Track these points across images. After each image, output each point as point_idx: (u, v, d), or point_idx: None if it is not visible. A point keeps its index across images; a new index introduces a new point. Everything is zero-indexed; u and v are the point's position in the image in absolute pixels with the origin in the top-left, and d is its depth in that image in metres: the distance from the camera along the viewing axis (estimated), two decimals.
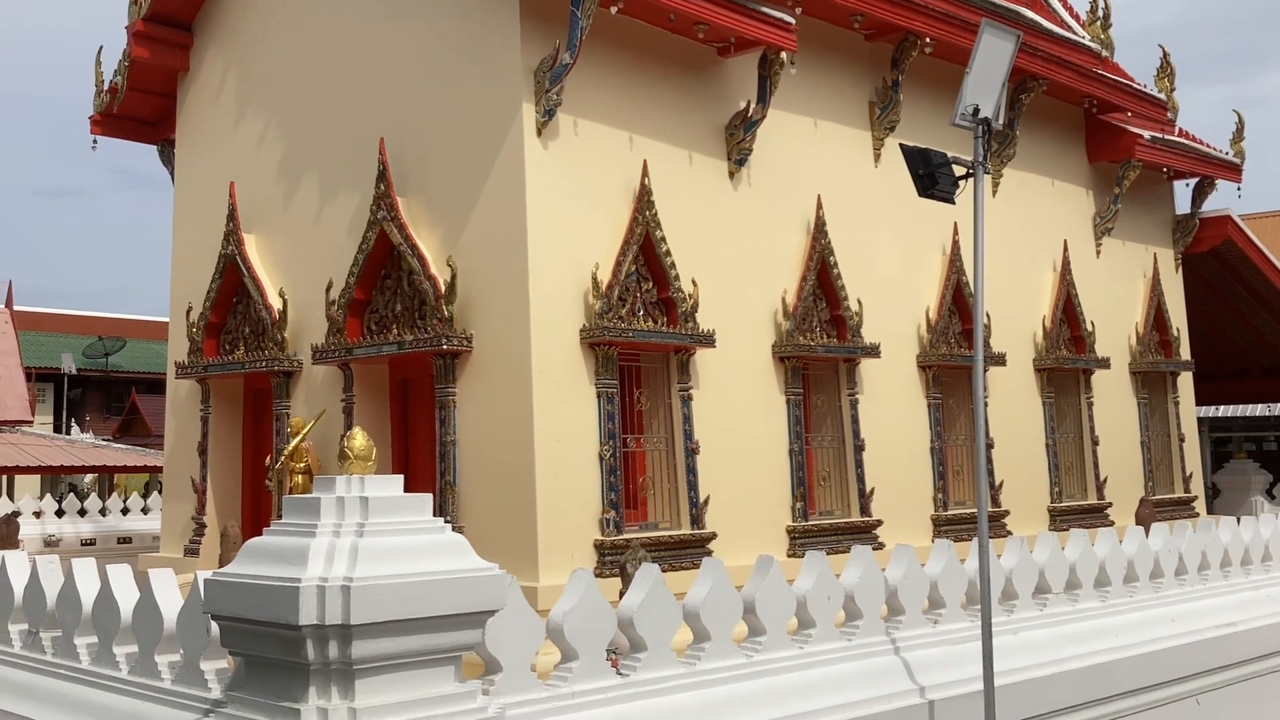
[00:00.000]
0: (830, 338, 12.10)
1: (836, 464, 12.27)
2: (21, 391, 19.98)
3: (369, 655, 4.16)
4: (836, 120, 12.68)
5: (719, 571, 5.62)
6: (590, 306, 10.28)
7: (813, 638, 6.03)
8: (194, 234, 13.57)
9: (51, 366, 38.12)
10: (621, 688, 5.17)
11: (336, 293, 11.32)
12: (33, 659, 5.89)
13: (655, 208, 10.71)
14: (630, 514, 10.53)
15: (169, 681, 5.04)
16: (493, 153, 10.38)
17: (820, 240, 12.07)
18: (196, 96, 13.83)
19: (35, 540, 15.50)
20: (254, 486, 12.97)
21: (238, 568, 4.39)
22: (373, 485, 4.51)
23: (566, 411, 10.06)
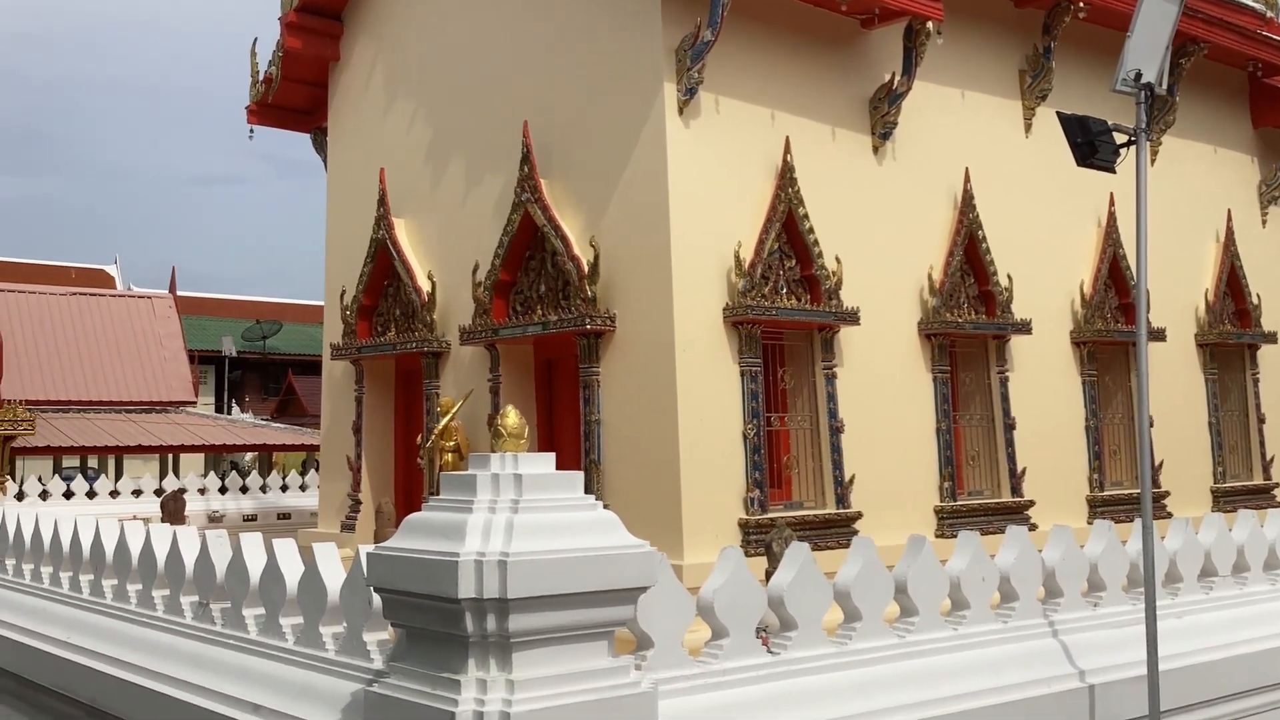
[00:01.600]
0: (979, 314, 11.82)
1: (986, 443, 11.99)
2: (185, 374, 20.88)
3: (525, 629, 4.22)
4: (985, 90, 12.35)
5: (870, 551, 5.54)
6: (733, 285, 10.24)
7: (967, 619, 5.91)
8: (346, 219, 13.95)
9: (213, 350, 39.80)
10: (772, 666, 5.15)
11: (482, 274, 11.51)
12: (203, 629, 6.15)
13: (798, 184, 10.60)
14: (774, 493, 10.48)
15: (333, 652, 5.21)
16: (635, 132, 10.41)
17: (968, 214, 11.78)
18: (347, 84, 14.20)
19: (200, 516, 16.20)
20: (406, 464, 13.32)
21: (398, 542, 4.50)
22: (526, 463, 4.57)
23: (709, 390, 10.05)
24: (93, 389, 19.63)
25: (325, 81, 14.51)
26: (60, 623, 7.37)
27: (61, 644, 7.11)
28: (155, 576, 6.66)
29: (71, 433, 17.84)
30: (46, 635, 7.35)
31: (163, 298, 21.79)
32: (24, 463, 18.90)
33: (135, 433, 18.52)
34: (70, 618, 7.33)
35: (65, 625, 7.28)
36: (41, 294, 20.68)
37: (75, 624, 7.20)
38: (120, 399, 19.79)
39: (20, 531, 8.54)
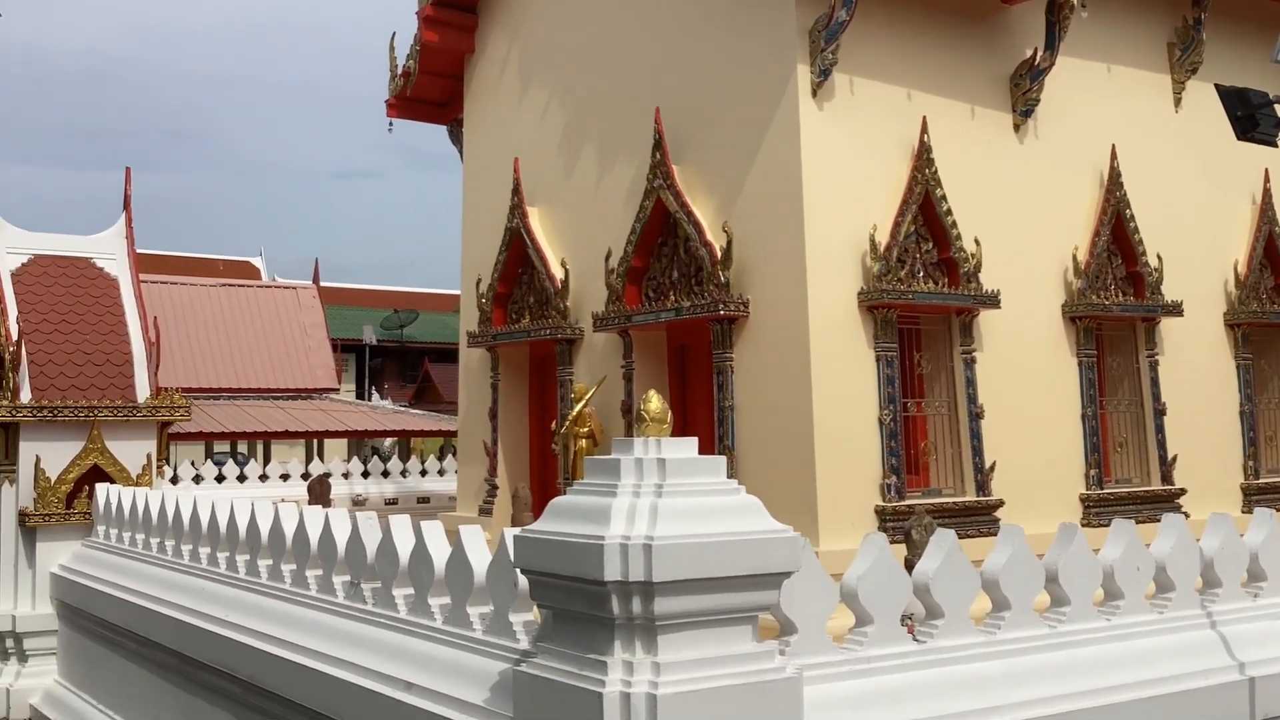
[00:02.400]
0: (1126, 296, 11.45)
1: (1134, 429, 11.62)
2: (329, 361, 21.50)
3: (670, 612, 4.23)
4: (1132, 64, 11.93)
5: (1019, 538, 5.41)
6: (868, 269, 10.10)
7: (1120, 609, 5.73)
8: (481, 209, 14.18)
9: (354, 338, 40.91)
10: (919, 654, 5.07)
11: (615, 261, 11.58)
12: (355, 608, 6.33)
13: (935, 165, 10.40)
14: (911, 479, 10.33)
15: (480, 631, 5.31)
16: (767, 116, 10.33)
17: (1115, 193, 11.41)
18: (482, 76, 14.42)
19: (344, 499, 16.67)
20: (541, 450, 13.50)
21: (544, 525, 4.56)
22: (669, 447, 4.58)
23: (844, 375, 9.95)
24: (242, 377, 20.36)
25: (461, 74, 14.76)
26: (218, 601, 7.67)
27: (220, 622, 7.39)
28: (308, 557, 6.88)
29: (222, 419, 18.53)
30: (205, 614, 7.66)
31: (307, 288, 22.46)
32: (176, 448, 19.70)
33: (282, 418, 19.16)
34: (228, 596, 7.62)
35: (223, 604, 7.57)
36: (192, 285, 21.53)
37: (233, 603, 7.48)
38: (268, 386, 20.49)
39: (179, 514, 8.91)
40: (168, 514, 9.11)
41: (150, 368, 11.36)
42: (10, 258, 11.60)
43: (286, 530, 7.18)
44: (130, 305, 11.63)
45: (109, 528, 10.41)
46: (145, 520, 9.53)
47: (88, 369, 11.07)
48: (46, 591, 10.83)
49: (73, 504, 10.81)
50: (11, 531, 10.87)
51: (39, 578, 10.81)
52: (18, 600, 10.84)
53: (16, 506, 10.84)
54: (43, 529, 10.76)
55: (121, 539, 10.03)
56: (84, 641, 10.18)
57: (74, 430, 10.83)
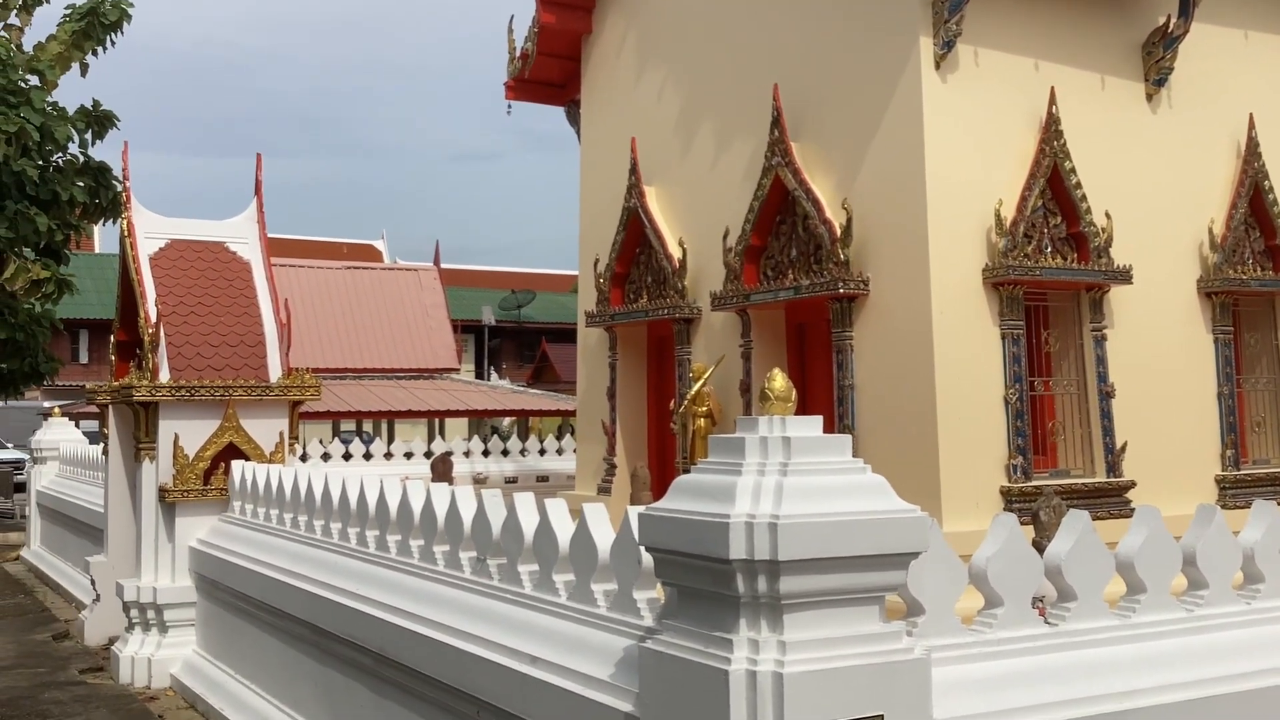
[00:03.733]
0: (1265, 270, 11.03)
1: (1273, 409, 11.20)
2: (450, 342, 21.87)
3: (796, 591, 4.22)
4: (1270, 31, 11.45)
5: (1156, 519, 5.26)
6: (993, 244, 9.90)
7: (1261, 593, 5.54)
8: (599, 189, 14.25)
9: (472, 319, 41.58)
10: (1050, 637, 4.98)
11: (733, 240, 11.54)
12: (481, 584, 6.44)
13: (1064, 137, 10.13)
14: (1038, 460, 10.12)
15: (604, 608, 5.36)
16: (888, 91, 10.17)
17: (1253, 164, 10.98)
18: (599, 57, 14.47)
19: (465, 478, 16.96)
20: (659, 429, 13.55)
21: (668, 503, 4.58)
22: (794, 426, 4.55)
23: (968, 354, 9.77)
24: (366, 357, 20.83)
25: (578, 55, 14.84)
26: (349, 575, 7.88)
27: (351, 595, 7.59)
28: (435, 533, 7.02)
29: (348, 398, 18.99)
30: (337, 587, 7.87)
31: (428, 270, 22.84)
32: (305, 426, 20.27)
33: (405, 398, 19.56)
34: (358, 570, 7.82)
35: (354, 578, 7.77)
36: (318, 268, 22.06)
37: (363, 577, 7.68)
38: (391, 366, 20.94)
39: (311, 490, 9.16)
40: (300, 490, 9.37)
41: (282, 348, 11.69)
42: (148, 242, 12.03)
43: (414, 507, 7.33)
44: (262, 288, 11.98)
45: (244, 503, 10.76)
46: (279, 496, 9.83)
47: (223, 350, 11.44)
48: (185, 565, 11.24)
49: (210, 480, 11.20)
50: (152, 507, 11.30)
51: (178, 551, 11.22)
52: (158, 573, 11.28)
53: (156, 483, 11.27)
54: (181, 504, 11.17)
55: (256, 514, 10.37)
56: (221, 613, 10.56)
57: (210, 409, 11.21)
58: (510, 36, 15.29)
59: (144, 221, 12.20)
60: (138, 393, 11.04)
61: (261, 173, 12.67)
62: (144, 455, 11.38)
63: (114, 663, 11.51)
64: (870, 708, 4.25)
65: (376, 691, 7.26)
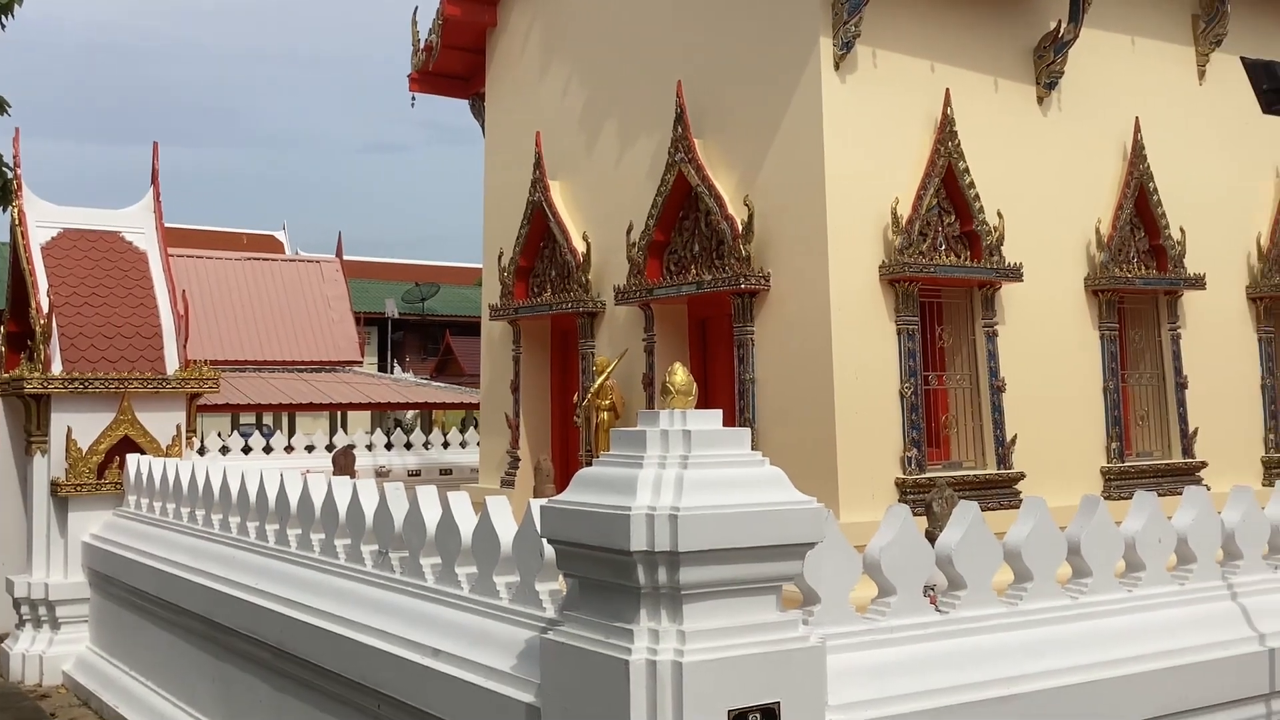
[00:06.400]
0: (1149, 269, 11.44)
1: (1156, 403, 11.63)
2: (352, 334, 21.64)
3: (696, 581, 4.30)
4: (1156, 36, 11.87)
5: (1042, 510, 5.46)
6: (890, 242, 10.12)
7: (1142, 581, 5.78)
8: (503, 182, 14.23)
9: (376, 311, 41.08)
10: (941, 624, 5.14)
11: (637, 235, 11.62)
12: (383, 577, 6.43)
13: (958, 138, 10.39)
14: (932, 452, 10.38)
15: (507, 600, 5.39)
16: (789, 90, 10.34)
17: (1138, 165, 11.38)
18: (504, 50, 14.43)
19: (368, 471, 16.82)
20: (562, 422, 13.59)
21: (570, 496, 4.63)
22: (694, 419, 4.63)
23: (866, 349, 9.99)
24: (266, 349, 20.51)
25: (483, 48, 14.78)
26: (248, 570, 7.79)
27: (249, 589, 7.51)
28: (337, 526, 6.97)
29: (248, 390, 18.69)
30: (235, 581, 7.78)
31: (330, 262, 22.57)
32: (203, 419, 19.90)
33: (307, 391, 19.32)
34: (257, 565, 7.73)
35: (253, 572, 7.68)
36: (217, 259, 21.66)
37: (262, 570, 7.59)
38: (292, 359, 20.65)
39: (209, 483, 9.03)
40: (198, 484, 9.23)
41: (179, 340, 11.47)
42: (40, 231, 11.71)
43: (315, 500, 7.27)
44: (159, 278, 11.73)
45: (139, 497, 10.55)
46: (175, 490, 9.66)
47: (118, 341, 11.19)
48: (78, 560, 10.99)
49: (104, 474, 10.95)
50: (44, 501, 11.02)
51: (71, 547, 10.96)
52: (50, 569, 11.00)
53: (49, 477, 10.99)
54: (74, 499, 10.91)
55: (152, 508, 10.17)
56: (115, 609, 10.35)
57: (105, 402, 10.95)
58: (414, 28, 15.18)
59: (36, 210, 11.87)
60: (29, 385, 10.75)
61: (158, 161, 12.40)
62: (35, 449, 11.08)
63: (3, 660, 11.21)
64: (767, 695, 4.36)
65: (275, 687, 7.20)
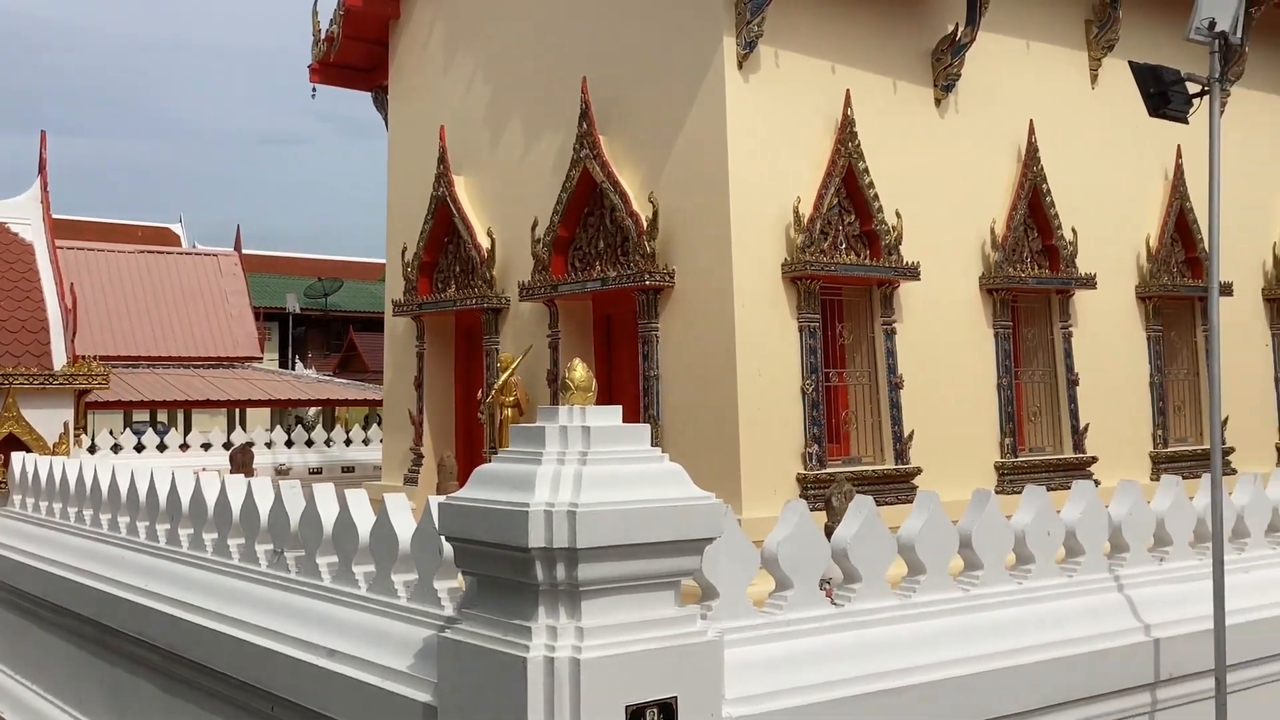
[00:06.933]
0: (1042, 269, 11.70)
1: (1048, 399, 11.91)
2: (251, 330, 21.22)
3: (594, 578, 4.30)
4: (1050, 41, 12.15)
5: (934, 504, 5.56)
6: (792, 240, 10.21)
7: (1031, 573, 5.92)
8: (407, 177, 14.06)
9: (277, 306, 40.34)
10: (836, 617, 5.21)
11: (541, 231, 11.57)
12: (278, 577, 6.31)
13: (858, 138, 10.52)
14: (833, 448, 10.51)
15: (404, 599, 5.34)
16: (693, 88, 10.37)
17: (1032, 167, 11.64)
18: (407, 43, 14.26)
19: (267, 469, 16.52)
20: (466, 419, 13.49)
21: (469, 492, 4.59)
22: (594, 415, 4.63)
23: (768, 346, 10.07)
24: (161, 345, 20.01)
25: (386, 39, 14.58)
26: (138, 571, 7.59)
27: (140, 591, 7.32)
28: (230, 525, 6.84)
29: (142, 387, 18.22)
30: (125, 583, 7.58)
31: (228, 255, 22.10)
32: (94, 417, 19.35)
33: (204, 387, 18.89)
34: (148, 566, 7.55)
35: (143, 573, 7.50)
36: (110, 252, 21.07)
37: (153, 572, 7.41)
38: (188, 355, 20.18)
39: (97, 483, 8.78)
40: (85, 483, 8.97)
41: (67, 335, 11.14)
42: None
43: (208, 499, 7.12)
44: (46, 271, 11.38)
45: (25, 497, 10.23)
46: (63, 489, 9.39)
47: (2, 336, 10.83)
48: None
49: None
50: None
51: None
52: None
53: None
54: None
55: (38, 508, 9.87)
56: (0, 613, 10.02)
57: None
58: (315, 18, 14.93)
59: None
60: None
61: (46, 151, 12.03)
62: None
63: None
64: (664, 690, 4.37)
65: (166, 690, 7.03)
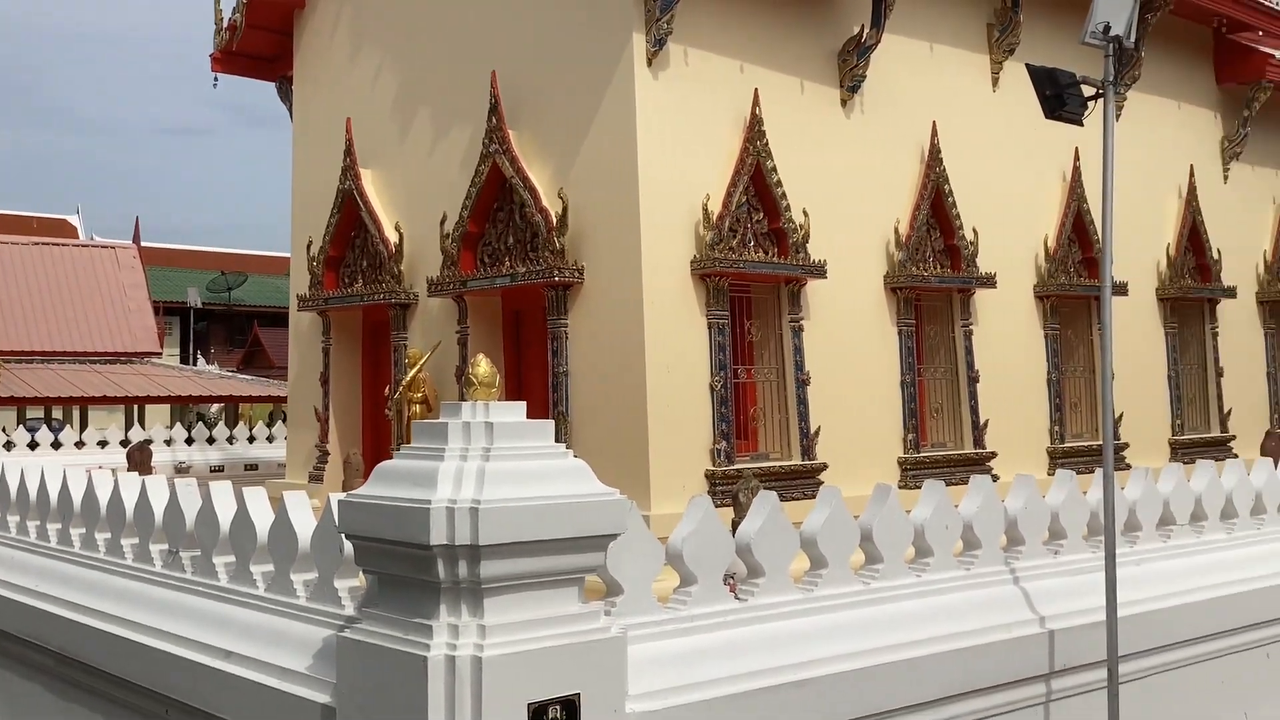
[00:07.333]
0: (944, 268, 11.92)
1: (949, 396, 12.13)
2: (150, 324, 20.72)
3: (497, 575, 4.27)
4: (953, 44, 12.37)
5: (836, 499, 5.62)
6: (701, 238, 10.26)
7: (930, 566, 6.01)
8: (313, 170, 13.84)
9: (178, 301, 39.45)
10: (739, 612, 5.23)
11: (450, 226, 11.47)
12: (173, 577, 6.17)
13: (766, 137, 10.61)
14: (741, 445, 10.58)
15: (304, 598, 5.24)
16: (603, 84, 10.36)
17: (935, 168, 11.84)
18: (313, 33, 14.03)
19: (167, 467, 16.16)
20: (374, 415, 13.33)
21: (370, 489, 4.53)
22: (497, 411, 4.59)
23: (677, 342, 10.11)
24: (56, 339, 19.45)
25: (290, 28, 14.33)
26: (29, 571, 7.37)
27: (30, 592, 7.11)
28: (124, 525, 6.66)
29: (35, 383, 17.69)
30: (14, 584, 7.35)
31: (126, 248, 21.55)
32: None
33: (100, 383, 18.39)
34: (39, 566, 7.32)
35: (34, 574, 7.27)
36: (4, 244, 20.42)
37: (44, 572, 7.19)
38: (84, 350, 19.63)
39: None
40: None
41: None
42: None
43: (100, 497, 6.93)
44: None
45: None
46: None
47: None
48: None
49: None
50: None
51: None
52: None
53: None
54: None
55: None
56: None
57: None
58: (217, 6, 14.61)
59: None
60: None
61: None
62: None
63: None
64: (567, 687, 4.36)
65: (61, 695, 6.83)
